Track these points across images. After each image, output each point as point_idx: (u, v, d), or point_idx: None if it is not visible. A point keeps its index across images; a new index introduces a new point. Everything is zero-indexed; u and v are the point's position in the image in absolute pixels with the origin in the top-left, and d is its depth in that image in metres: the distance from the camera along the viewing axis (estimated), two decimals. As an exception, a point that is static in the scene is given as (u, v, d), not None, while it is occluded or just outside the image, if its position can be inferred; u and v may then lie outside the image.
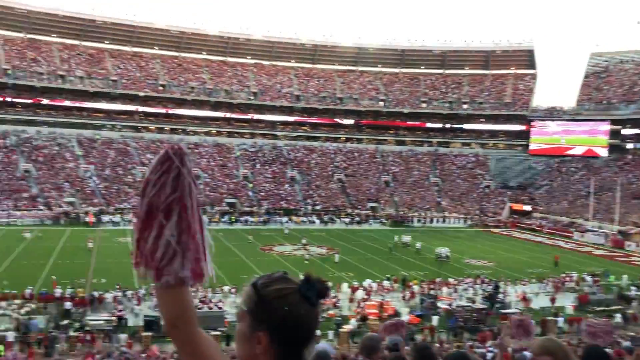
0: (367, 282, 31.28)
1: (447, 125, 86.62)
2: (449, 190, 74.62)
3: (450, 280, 33.24)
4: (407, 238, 48.13)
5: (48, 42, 79.25)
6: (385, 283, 31.91)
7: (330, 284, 30.55)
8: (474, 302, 29.23)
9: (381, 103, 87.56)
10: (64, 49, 79.02)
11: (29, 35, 77.96)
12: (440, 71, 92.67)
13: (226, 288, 29.18)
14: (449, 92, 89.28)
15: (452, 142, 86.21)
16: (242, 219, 59.35)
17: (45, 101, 72.34)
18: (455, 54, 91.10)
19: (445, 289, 31.10)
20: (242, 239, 48.04)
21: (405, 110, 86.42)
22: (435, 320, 25.87)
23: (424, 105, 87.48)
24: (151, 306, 25.81)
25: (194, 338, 1.45)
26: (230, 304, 27.06)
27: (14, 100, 71.16)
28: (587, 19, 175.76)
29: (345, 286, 30.60)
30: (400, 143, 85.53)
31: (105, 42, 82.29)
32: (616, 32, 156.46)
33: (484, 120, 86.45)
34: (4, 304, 24.94)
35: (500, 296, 29.65)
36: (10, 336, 20.98)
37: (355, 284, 31.01)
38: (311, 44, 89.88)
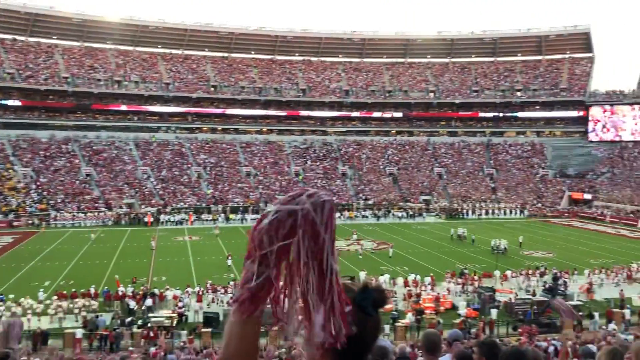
0: (411, 277, 30.72)
1: (501, 114, 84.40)
2: (504, 181, 72.81)
3: (508, 272, 32.49)
4: (462, 230, 47.36)
5: (103, 49, 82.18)
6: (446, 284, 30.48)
7: (388, 276, 30.47)
8: (534, 294, 28.48)
9: (431, 94, 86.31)
10: (119, 55, 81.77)
11: (85, 44, 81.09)
12: (492, 59, 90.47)
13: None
14: (501, 80, 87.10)
15: (506, 131, 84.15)
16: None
17: (103, 106, 75.06)
18: (507, 41, 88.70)
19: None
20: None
21: (457, 101, 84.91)
22: (494, 313, 25.36)
23: (475, 94, 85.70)
24: (210, 303, 26.43)
25: None
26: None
27: (74, 106, 74.19)
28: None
29: (400, 280, 30.36)
30: (452, 134, 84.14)
31: (158, 46, 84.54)
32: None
33: (539, 107, 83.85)
34: (66, 302, 26.03)
35: (561, 288, 28.69)
36: (79, 333, 21.90)
37: (412, 277, 30.69)
38: (359, 38, 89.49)
